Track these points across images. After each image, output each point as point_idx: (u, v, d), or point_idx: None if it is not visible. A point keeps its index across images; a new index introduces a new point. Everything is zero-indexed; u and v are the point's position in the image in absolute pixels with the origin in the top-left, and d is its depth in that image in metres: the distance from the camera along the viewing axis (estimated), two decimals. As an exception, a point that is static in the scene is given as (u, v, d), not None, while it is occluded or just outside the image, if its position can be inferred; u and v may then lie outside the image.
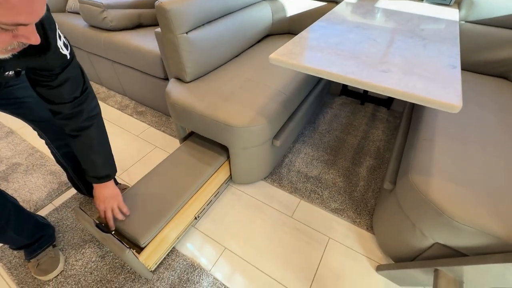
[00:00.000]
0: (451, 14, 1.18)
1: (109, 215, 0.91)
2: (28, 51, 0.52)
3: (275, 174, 1.37)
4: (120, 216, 0.92)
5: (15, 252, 1.04)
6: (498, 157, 0.84)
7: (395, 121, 1.71)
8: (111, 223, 0.91)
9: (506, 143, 0.88)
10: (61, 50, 0.62)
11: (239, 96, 1.12)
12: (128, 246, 0.84)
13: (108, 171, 0.88)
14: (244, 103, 1.08)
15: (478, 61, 1.26)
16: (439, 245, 0.79)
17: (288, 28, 1.70)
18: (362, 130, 1.64)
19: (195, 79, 1.23)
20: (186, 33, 1.11)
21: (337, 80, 0.71)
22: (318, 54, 0.80)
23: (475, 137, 0.91)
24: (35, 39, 0.43)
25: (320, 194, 1.27)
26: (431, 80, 0.68)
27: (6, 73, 0.61)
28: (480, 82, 1.20)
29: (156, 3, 1.03)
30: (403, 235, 0.88)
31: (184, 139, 1.35)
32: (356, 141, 1.56)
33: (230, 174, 1.27)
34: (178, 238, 1.05)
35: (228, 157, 1.22)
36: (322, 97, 1.77)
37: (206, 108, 1.07)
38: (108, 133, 1.07)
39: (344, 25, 1.04)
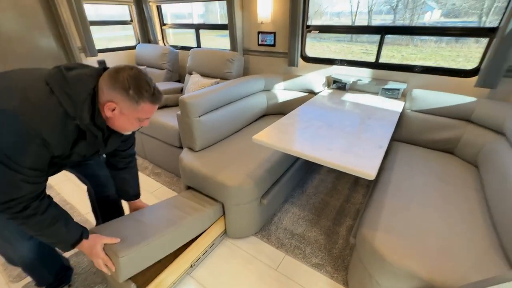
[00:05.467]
0: (398, 105, 1.57)
1: (100, 263, 0.96)
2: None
3: (264, 230, 1.56)
4: (110, 263, 0.97)
5: (35, 288, 1.23)
6: (433, 215, 1.05)
7: (375, 186, 1.94)
8: (105, 269, 0.97)
9: (440, 204, 1.10)
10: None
11: (234, 163, 1.44)
12: (134, 282, 1.03)
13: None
14: (237, 169, 1.39)
15: (427, 140, 1.57)
16: (389, 292, 0.94)
17: (280, 109, 2.15)
18: (344, 194, 1.86)
19: (202, 149, 1.59)
20: (199, 117, 1.52)
21: (296, 155, 1.02)
22: (287, 136, 1.14)
23: (417, 199, 1.14)
24: (147, 124, 0.87)
25: (303, 249, 1.43)
26: (361, 156, 0.98)
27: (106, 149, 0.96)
28: (428, 156, 1.48)
29: (180, 98, 1.48)
30: (366, 287, 1.03)
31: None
32: (338, 203, 1.77)
33: (225, 228, 1.49)
34: (173, 284, 1.21)
35: (223, 213, 1.46)
36: (310, 164, 2.08)
37: (209, 172, 1.38)
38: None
39: (312, 114, 1.42)
